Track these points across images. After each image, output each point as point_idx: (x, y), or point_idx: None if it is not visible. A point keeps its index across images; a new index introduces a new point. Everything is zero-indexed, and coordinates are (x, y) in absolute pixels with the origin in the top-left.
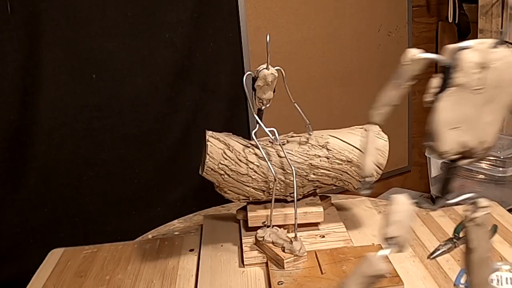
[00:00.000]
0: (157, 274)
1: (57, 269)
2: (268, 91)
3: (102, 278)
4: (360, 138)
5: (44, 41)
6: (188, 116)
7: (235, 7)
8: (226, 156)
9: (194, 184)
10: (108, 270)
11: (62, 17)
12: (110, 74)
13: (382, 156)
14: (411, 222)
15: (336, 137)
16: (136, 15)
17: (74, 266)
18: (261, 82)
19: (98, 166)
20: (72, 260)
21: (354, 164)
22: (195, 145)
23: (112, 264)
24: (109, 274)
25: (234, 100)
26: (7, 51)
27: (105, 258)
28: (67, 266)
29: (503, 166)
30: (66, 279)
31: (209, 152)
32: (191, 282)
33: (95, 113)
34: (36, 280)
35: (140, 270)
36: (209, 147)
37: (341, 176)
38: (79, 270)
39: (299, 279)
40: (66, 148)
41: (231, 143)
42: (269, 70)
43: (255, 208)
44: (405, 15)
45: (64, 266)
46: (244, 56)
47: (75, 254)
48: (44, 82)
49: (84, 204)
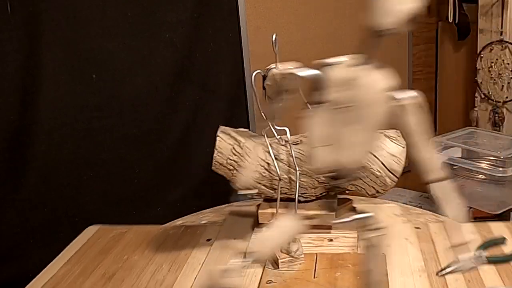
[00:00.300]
0: (169, 259)
1: (86, 245)
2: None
3: (120, 258)
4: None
5: (44, 41)
6: (188, 116)
7: (235, 7)
8: (235, 152)
9: (194, 184)
10: (129, 250)
11: (62, 17)
12: (110, 74)
13: (398, 163)
14: (283, 242)
15: None
16: (136, 15)
17: (101, 244)
18: (270, 81)
19: (98, 166)
20: (102, 238)
21: (367, 169)
22: (195, 145)
23: (133, 246)
24: (128, 254)
25: (234, 100)
26: (7, 51)
27: (130, 239)
28: (95, 243)
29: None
30: (90, 256)
31: (217, 147)
32: (195, 271)
33: (95, 113)
34: (64, 254)
35: (156, 253)
36: (218, 142)
37: (355, 182)
38: (104, 248)
39: (288, 280)
40: (66, 148)
41: (242, 140)
42: (278, 69)
43: (267, 205)
44: None
45: (93, 243)
46: (244, 56)
47: (107, 232)
48: (44, 82)
49: (84, 204)
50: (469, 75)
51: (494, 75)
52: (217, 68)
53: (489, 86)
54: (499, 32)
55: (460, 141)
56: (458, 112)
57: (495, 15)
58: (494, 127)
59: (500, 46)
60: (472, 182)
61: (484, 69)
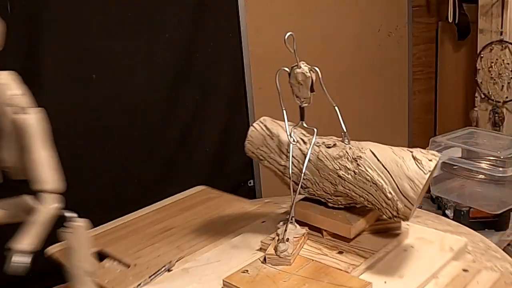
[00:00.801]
0: (214, 225)
1: (185, 199)
2: (303, 90)
3: (199, 212)
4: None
5: (44, 41)
6: (188, 116)
7: (235, 7)
8: (266, 144)
9: (194, 184)
10: (210, 209)
11: (62, 17)
12: (110, 74)
13: (414, 189)
14: None
15: (374, 152)
16: (136, 15)
17: (195, 200)
18: (293, 80)
19: (98, 166)
20: (200, 197)
21: (379, 188)
22: (195, 145)
23: (216, 206)
24: (208, 212)
25: (234, 100)
26: (7, 51)
27: (219, 201)
28: (192, 199)
29: (503, 166)
30: (181, 208)
31: (249, 136)
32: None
33: (95, 113)
34: (166, 201)
35: (220, 216)
36: (250, 131)
37: (367, 196)
38: (193, 203)
39: (259, 276)
40: (65, 148)
41: (276, 133)
42: (301, 69)
43: (305, 205)
44: (405, 15)
45: (191, 199)
46: (244, 56)
47: (209, 193)
48: (44, 82)
49: (84, 204)
50: (469, 75)
51: (494, 75)
52: (217, 68)
53: (489, 86)
54: (499, 32)
55: (460, 141)
56: (458, 112)
57: (495, 15)
58: (494, 127)
59: (500, 46)
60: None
61: (484, 69)
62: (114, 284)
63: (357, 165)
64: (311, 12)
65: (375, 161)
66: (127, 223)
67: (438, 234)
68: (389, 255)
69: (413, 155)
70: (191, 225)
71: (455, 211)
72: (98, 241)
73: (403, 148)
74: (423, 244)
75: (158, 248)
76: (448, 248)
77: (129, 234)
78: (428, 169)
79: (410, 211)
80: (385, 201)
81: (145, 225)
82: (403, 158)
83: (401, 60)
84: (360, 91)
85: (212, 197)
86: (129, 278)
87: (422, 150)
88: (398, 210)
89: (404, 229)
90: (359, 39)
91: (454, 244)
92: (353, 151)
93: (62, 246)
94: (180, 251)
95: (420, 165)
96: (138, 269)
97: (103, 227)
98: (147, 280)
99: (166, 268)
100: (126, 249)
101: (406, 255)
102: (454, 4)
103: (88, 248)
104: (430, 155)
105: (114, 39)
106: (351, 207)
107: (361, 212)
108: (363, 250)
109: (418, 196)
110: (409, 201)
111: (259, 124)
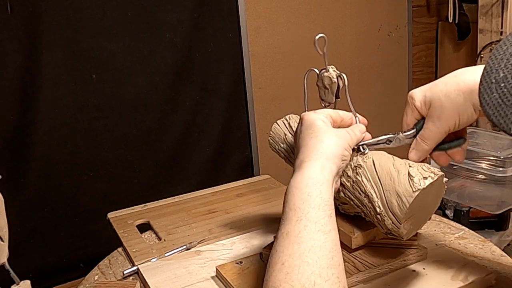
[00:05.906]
0: (254, 214)
1: (244, 186)
2: (328, 94)
3: (249, 200)
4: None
5: (44, 41)
6: (188, 116)
7: (235, 7)
8: (286, 141)
9: (194, 184)
10: (261, 198)
11: (62, 17)
12: (110, 74)
13: (400, 206)
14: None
15: (374, 162)
16: (136, 15)
17: (253, 188)
18: (320, 82)
19: (98, 166)
20: (260, 185)
21: (370, 200)
22: (195, 145)
23: (268, 196)
24: (258, 200)
25: (234, 100)
26: (7, 51)
27: (275, 192)
28: (251, 186)
29: (503, 166)
30: (236, 194)
31: (271, 132)
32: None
33: (95, 113)
34: (225, 186)
35: (265, 207)
36: (273, 127)
37: (362, 208)
38: (249, 191)
39: (250, 269)
40: (66, 148)
41: None
42: (328, 72)
43: None
44: (405, 15)
45: (250, 186)
46: (244, 56)
47: (269, 182)
48: (44, 82)
49: (84, 204)
50: None
51: None
52: (217, 68)
53: None
54: (499, 32)
55: None
56: None
57: (495, 15)
58: (494, 127)
59: None
60: (472, 182)
61: None
62: (138, 253)
63: (355, 174)
64: (311, 12)
65: (373, 172)
66: (180, 201)
67: (461, 260)
68: (394, 273)
69: (409, 171)
70: (233, 211)
71: (455, 211)
72: (148, 214)
73: (406, 161)
74: (437, 269)
75: (192, 228)
76: (462, 278)
77: (176, 212)
78: (417, 187)
79: (398, 230)
80: (375, 215)
81: (195, 205)
82: (399, 172)
83: (401, 60)
84: (360, 91)
85: (269, 188)
86: (152, 250)
87: (426, 166)
88: (386, 226)
89: (422, 248)
90: (359, 39)
91: (472, 274)
92: (357, 158)
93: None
94: (208, 234)
95: (411, 181)
96: (165, 244)
97: (156, 203)
98: (162, 256)
99: (185, 248)
100: (167, 224)
101: (411, 277)
102: (454, 4)
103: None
104: (429, 173)
105: (114, 39)
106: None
107: (371, 222)
108: (362, 262)
109: (405, 215)
110: (396, 219)
111: (282, 121)
